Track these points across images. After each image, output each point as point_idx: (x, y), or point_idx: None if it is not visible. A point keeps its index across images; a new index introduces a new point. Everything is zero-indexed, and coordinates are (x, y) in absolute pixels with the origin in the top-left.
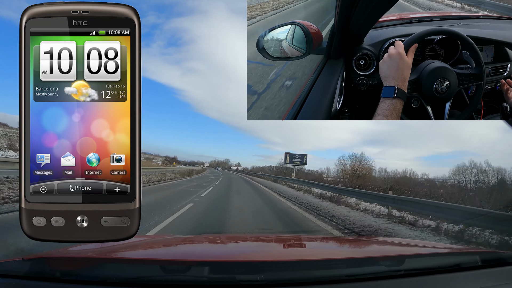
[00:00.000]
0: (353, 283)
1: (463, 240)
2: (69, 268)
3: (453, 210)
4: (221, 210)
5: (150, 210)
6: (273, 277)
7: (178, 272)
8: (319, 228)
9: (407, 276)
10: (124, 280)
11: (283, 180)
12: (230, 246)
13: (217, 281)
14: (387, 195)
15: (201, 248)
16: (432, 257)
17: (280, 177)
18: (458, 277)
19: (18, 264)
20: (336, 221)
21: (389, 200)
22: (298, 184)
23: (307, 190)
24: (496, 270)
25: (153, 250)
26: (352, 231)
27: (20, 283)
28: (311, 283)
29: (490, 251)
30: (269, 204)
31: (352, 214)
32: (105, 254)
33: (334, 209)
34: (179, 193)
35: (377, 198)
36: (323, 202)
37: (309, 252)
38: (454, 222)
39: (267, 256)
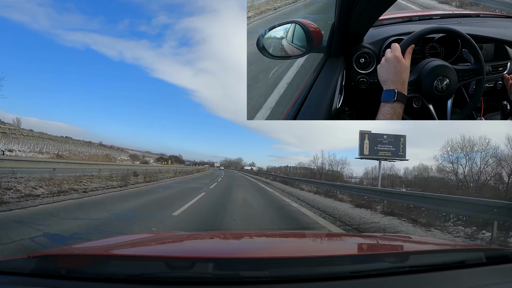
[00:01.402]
0: (357, 280)
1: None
2: (74, 266)
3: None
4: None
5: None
6: (277, 273)
7: (182, 268)
8: None
9: (412, 273)
10: (128, 277)
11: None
12: (234, 243)
13: (221, 278)
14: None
15: (205, 245)
16: (436, 254)
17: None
18: (462, 274)
19: (24, 261)
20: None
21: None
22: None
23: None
24: (501, 267)
25: (157, 246)
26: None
27: (25, 281)
28: (315, 279)
29: (494, 248)
30: None
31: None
32: (109, 251)
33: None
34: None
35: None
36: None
37: (313, 248)
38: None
39: (271, 252)
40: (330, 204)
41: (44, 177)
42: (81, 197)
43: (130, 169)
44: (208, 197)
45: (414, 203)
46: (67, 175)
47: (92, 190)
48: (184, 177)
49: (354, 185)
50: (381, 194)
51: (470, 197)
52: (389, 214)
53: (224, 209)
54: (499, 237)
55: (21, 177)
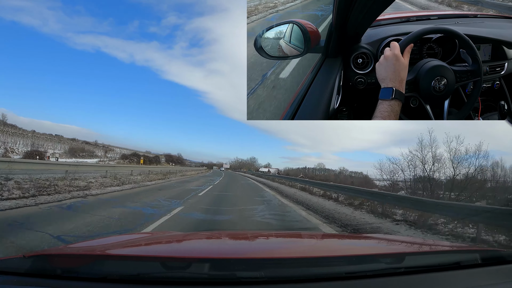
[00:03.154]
0: (353, 280)
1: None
2: (70, 265)
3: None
4: None
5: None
6: (273, 274)
7: (178, 268)
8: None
9: (407, 274)
10: (124, 277)
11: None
12: (230, 243)
13: (217, 278)
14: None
15: (201, 245)
16: (432, 255)
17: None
18: (458, 275)
19: (19, 261)
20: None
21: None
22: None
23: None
24: (496, 268)
25: (153, 247)
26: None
27: (21, 280)
28: (311, 280)
29: (489, 249)
30: None
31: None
32: (105, 251)
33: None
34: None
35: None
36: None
37: (309, 249)
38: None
39: (267, 253)
40: None
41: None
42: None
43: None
44: None
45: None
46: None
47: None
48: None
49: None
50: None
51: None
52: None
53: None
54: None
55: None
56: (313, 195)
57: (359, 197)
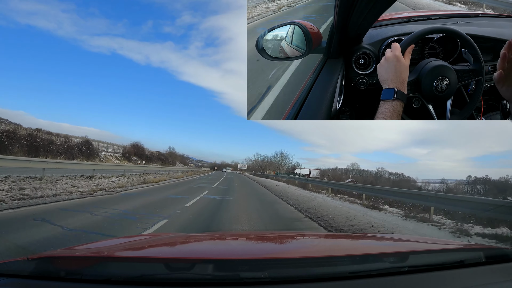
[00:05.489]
0: (357, 280)
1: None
2: (74, 267)
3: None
4: None
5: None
6: (277, 274)
7: (182, 270)
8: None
9: (411, 273)
10: (128, 279)
11: None
12: (233, 244)
13: (221, 279)
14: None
15: (205, 246)
16: (436, 254)
17: None
18: (462, 274)
19: (23, 263)
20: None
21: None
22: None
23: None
24: (500, 267)
25: (157, 248)
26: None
27: (25, 283)
28: (314, 280)
29: (494, 247)
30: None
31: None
32: (109, 253)
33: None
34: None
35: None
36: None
37: (313, 249)
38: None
39: (270, 253)
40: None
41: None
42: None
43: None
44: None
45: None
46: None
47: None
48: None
49: None
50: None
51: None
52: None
53: None
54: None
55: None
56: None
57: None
